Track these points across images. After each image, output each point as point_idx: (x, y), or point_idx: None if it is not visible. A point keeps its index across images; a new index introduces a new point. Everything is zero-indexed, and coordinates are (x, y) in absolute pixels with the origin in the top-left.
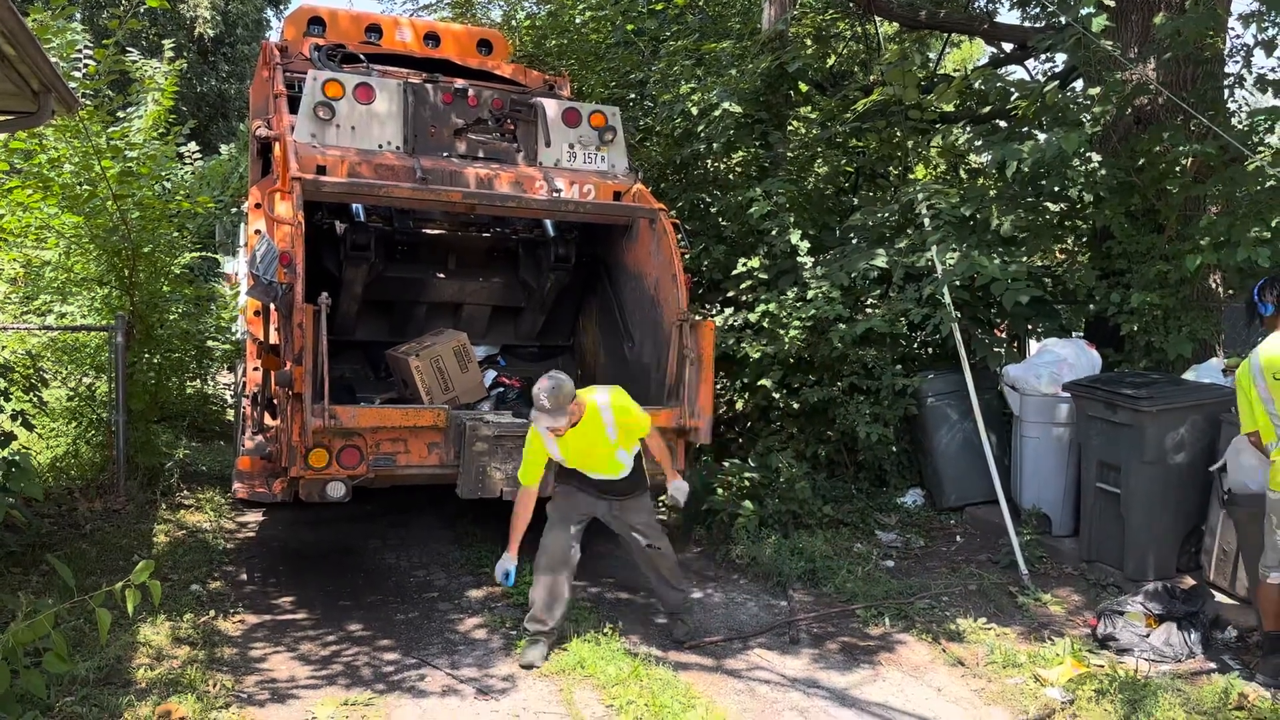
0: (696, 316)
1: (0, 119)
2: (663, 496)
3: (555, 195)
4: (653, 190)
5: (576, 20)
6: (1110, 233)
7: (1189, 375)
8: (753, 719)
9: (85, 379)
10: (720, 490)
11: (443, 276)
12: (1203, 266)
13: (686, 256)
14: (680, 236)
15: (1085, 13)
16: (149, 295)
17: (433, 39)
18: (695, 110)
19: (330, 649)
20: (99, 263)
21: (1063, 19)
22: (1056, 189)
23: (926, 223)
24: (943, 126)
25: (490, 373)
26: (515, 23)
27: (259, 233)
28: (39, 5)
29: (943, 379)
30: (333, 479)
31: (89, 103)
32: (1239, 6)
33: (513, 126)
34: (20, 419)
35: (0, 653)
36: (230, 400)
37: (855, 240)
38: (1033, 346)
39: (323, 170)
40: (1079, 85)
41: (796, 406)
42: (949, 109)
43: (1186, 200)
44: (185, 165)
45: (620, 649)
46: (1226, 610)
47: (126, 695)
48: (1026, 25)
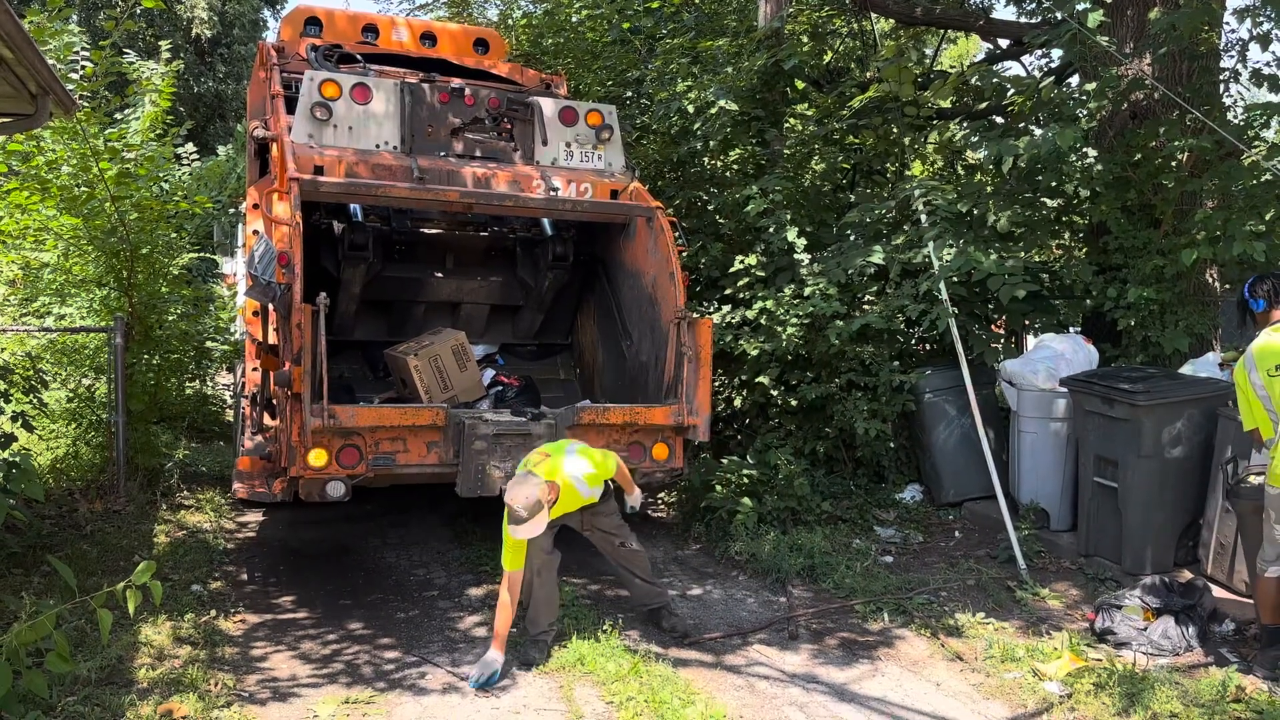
0: (694, 314)
1: None
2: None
3: (552, 194)
4: (650, 188)
5: (573, 19)
6: (1106, 228)
7: (1185, 369)
8: (752, 714)
9: (85, 380)
10: (719, 487)
11: (441, 276)
12: (1199, 261)
13: (684, 254)
14: (677, 234)
15: (1081, 8)
16: (147, 296)
17: (429, 39)
18: (692, 108)
19: (331, 647)
20: (97, 264)
21: (1058, 14)
22: (1053, 184)
23: (923, 219)
24: (939, 123)
25: (489, 371)
26: (511, 22)
27: (257, 233)
28: (36, 7)
29: (940, 375)
30: (332, 478)
31: (86, 104)
32: (1234, 1)
33: (509, 126)
34: (20, 420)
35: (3, 653)
36: (229, 401)
37: (852, 237)
38: (1030, 342)
39: (320, 170)
40: (1075, 81)
41: (794, 403)
42: (945, 105)
43: (1182, 195)
44: (183, 166)
45: (620, 646)
46: (1224, 604)
47: (128, 695)
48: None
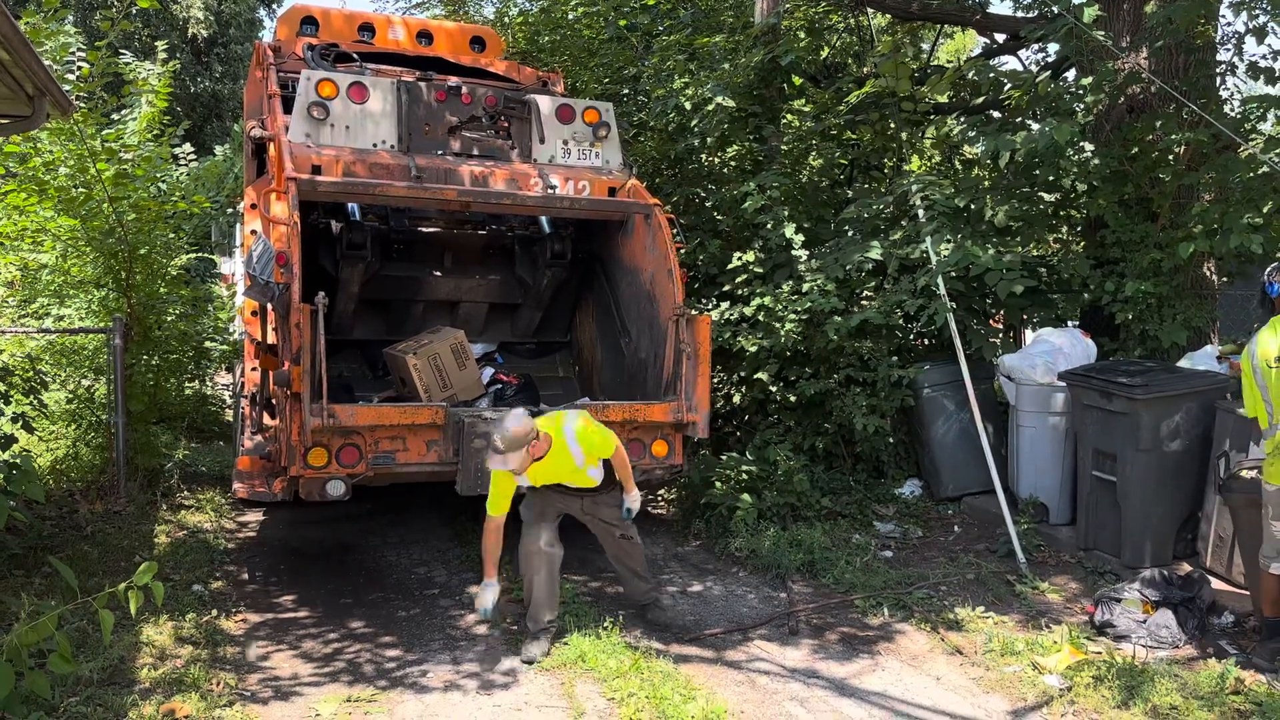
0: (692, 311)
1: None
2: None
3: (550, 192)
4: (647, 185)
5: (569, 16)
6: (1104, 222)
7: (1183, 363)
8: (753, 710)
9: (84, 381)
10: (718, 484)
11: (439, 274)
12: (1196, 254)
13: (682, 251)
14: (675, 231)
15: (1077, 2)
16: (146, 297)
17: (426, 37)
18: (689, 105)
19: (332, 646)
20: (96, 265)
21: (1055, 9)
22: (1050, 179)
23: (921, 214)
24: (936, 118)
25: (488, 370)
26: (508, 19)
27: (255, 233)
28: (32, 8)
29: (939, 370)
30: (332, 477)
31: (83, 105)
32: None
33: (507, 124)
34: (21, 422)
35: (5, 654)
36: (229, 401)
37: (850, 233)
38: (1028, 336)
39: (318, 170)
40: (1071, 75)
41: (793, 399)
42: (942, 100)
43: (1179, 189)
44: (180, 166)
45: (620, 642)
46: (1223, 596)
47: (130, 695)
48: (1019, 15)
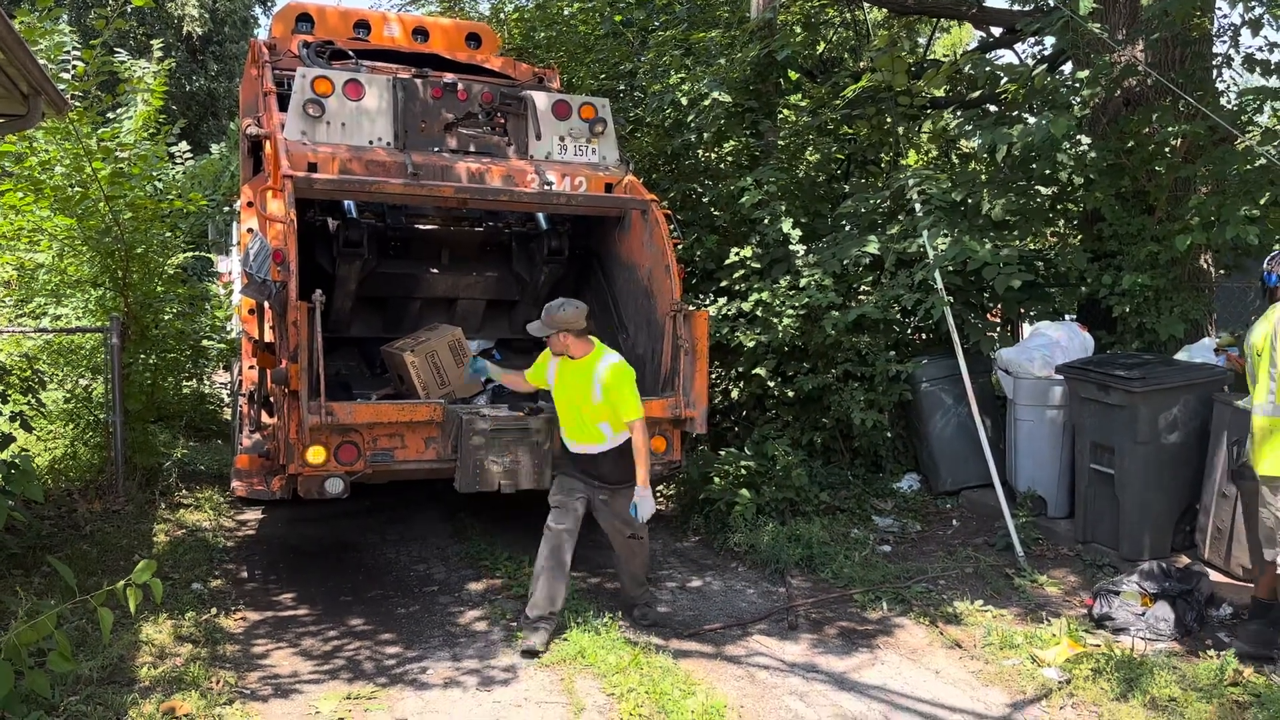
0: (690, 307)
1: None
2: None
3: (547, 188)
4: (644, 181)
5: (565, 12)
6: (1101, 215)
7: (1181, 355)
8: (752, 704)
9: (82, 381)
10: (717, 479)
11: (436, 271)
12: (1193, 246)
13: (679, 247)
14: (672, 227)
15: None
16: (143, 296)
17: (421, 34)
18: (685, 100)
19: (332, 644)
20: (92, 264)
21: (1050, 2)
22: (1047, 172)
23: (918, 208)
24: (933, 112)
25: None
26: (503, 16)
27: (252, 231)
28: (26, 7)
29: (936, 364)
30: (331, 475)
31: (79, 104)
32: None
33: (503, 120)
34: (19, 421)
35: (4, 653)
36: (227, 399)
37: (847, 227)
38: (1025, 330)
39: (314, 167)
40: (1068, 68)
41: (791, 394)
42: (939, 94)
43: (1176, 181)
44: (176, 165)
45: (620, 638)
46: (1221, 588)
47: (130, 693)
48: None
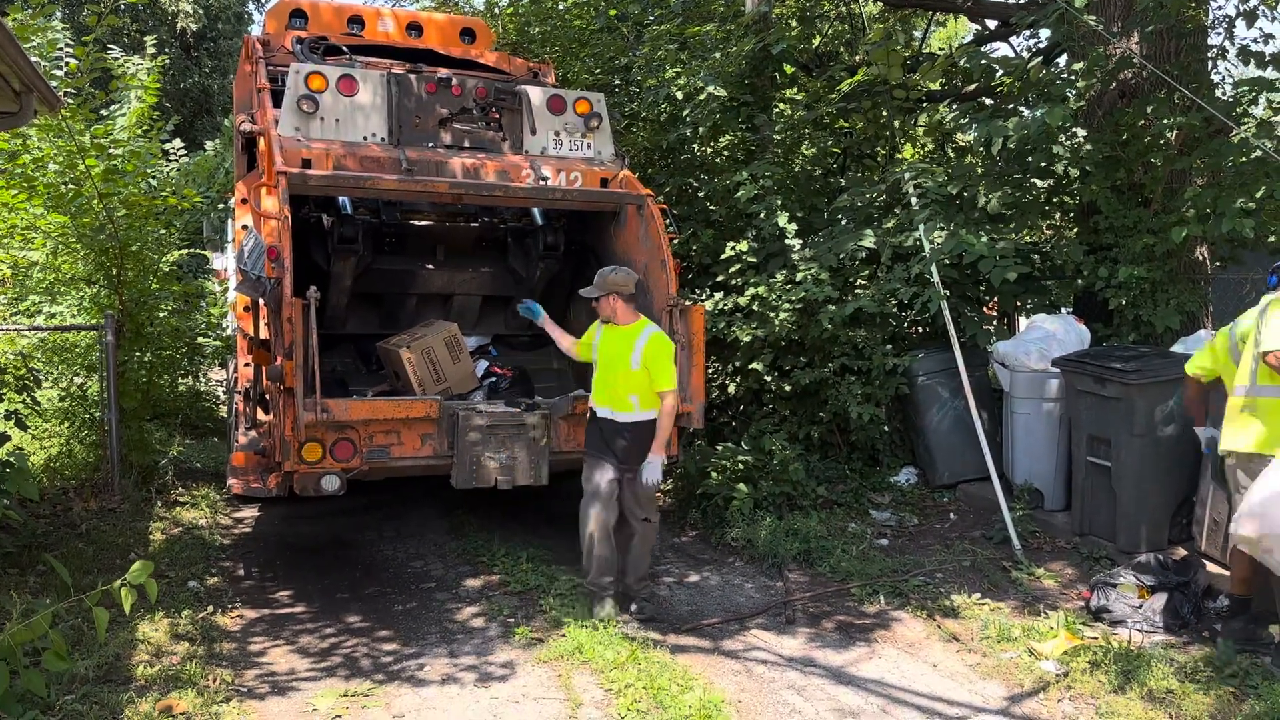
0: (686, 301)
1: None
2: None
3: (542, 183)
4: (640, 176)
5: (559, 7)
6: (1096, 207)
7: (1177, 348)
8: (750, 699)
9: (77, 379)
10: (714, 474)
11: (432, 267)
12: (1189, 239)
13: (675, 242)
14: (668, 222)
15: None
16: (138, 293)
17: (415, 29)
18: (680, 94)
19: (329, 641)
20: (86, 262)
21: None
22: (1043, 165)
23: (914, 202)
24: (928, 105)
25: (482, 363)
26: (498, 11)
27: (246, 228)
28: (18, 4)
29: (933, 357)
30: (327, 472)
31: (71, 101)
32: None
33: (498, 115)
34: (14, 419)
35: None
36: (223, 396)
37: (843, 221)
38: (1022, 323)
39: (308, 164)
40: (1063, 61)
41: (788, 389)
42: (934, 87)
43: (1171, 173)
44: (170, 162)
45: (618, 633)
46: (1218, 580)
47: (126, 692)
48: (1010, 2)
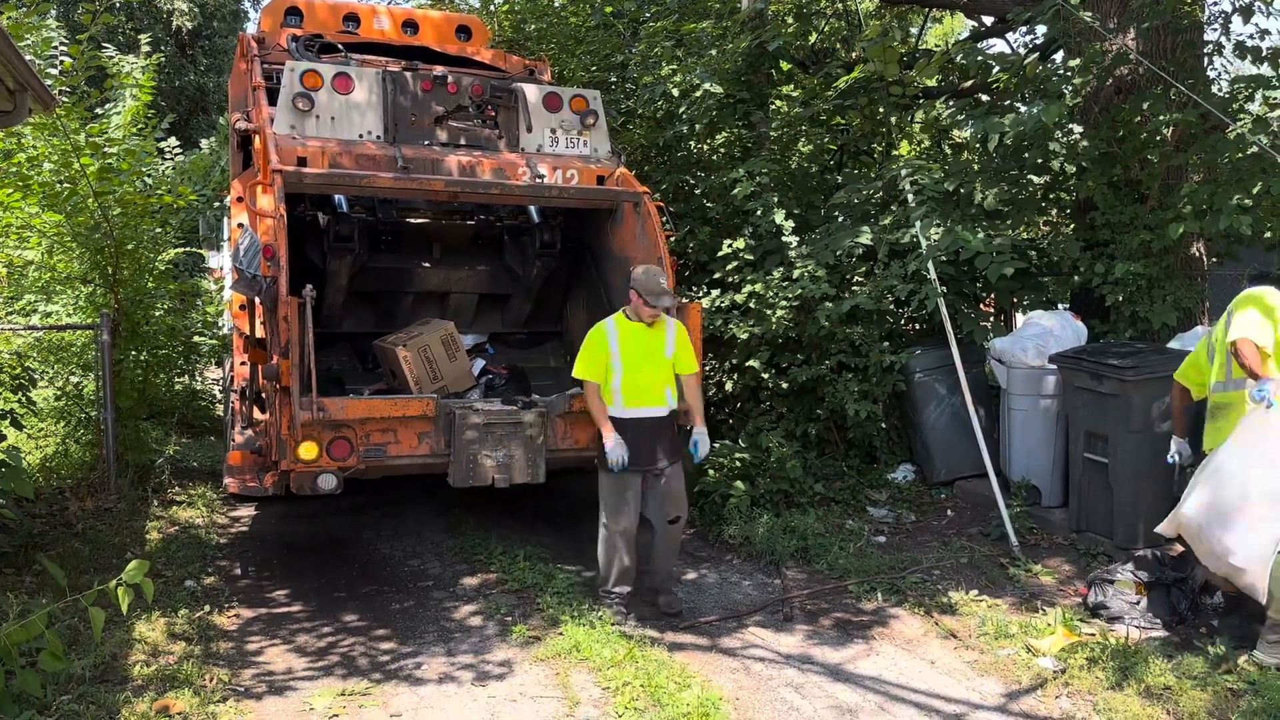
0: (683, 299)
1: None
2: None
3: (538, 181)
4: (636, 173)
5: (555, 4)
6: (1093, 204)
7: (1174, 344)
8: (748, 696)
9: (73, 378)
10: (711, 471)
11: (428, 266)
12: (1185, 235)
13: (671, 239)
14: (665, 219)
15: None
16: (133, 292)
17: (411, 26)
18: (677, 92)
19: (326, 640)
20: (82, 261)
21: None
22: (1039, 161)
23: (910, 199)
24: (925, 102)
25: (479, 361)
26: (493, 8)
27: (242, 226)
28: (12, 2)
29: (930, 354)
30: (323, 471)
31: (66, 100)
32: None
33: (493, 113)
34: (9, 419)
35: None
36: (219, 395)
37: (840, 218)
38: (1018, 319)
39: (303, 162)
40: (1059, 57)
41: (785, 386)
42: (931, 84)
43: (1168, 169)
44: (166, 160)
45: (615, 632)
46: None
47: (123, 692)
48: None
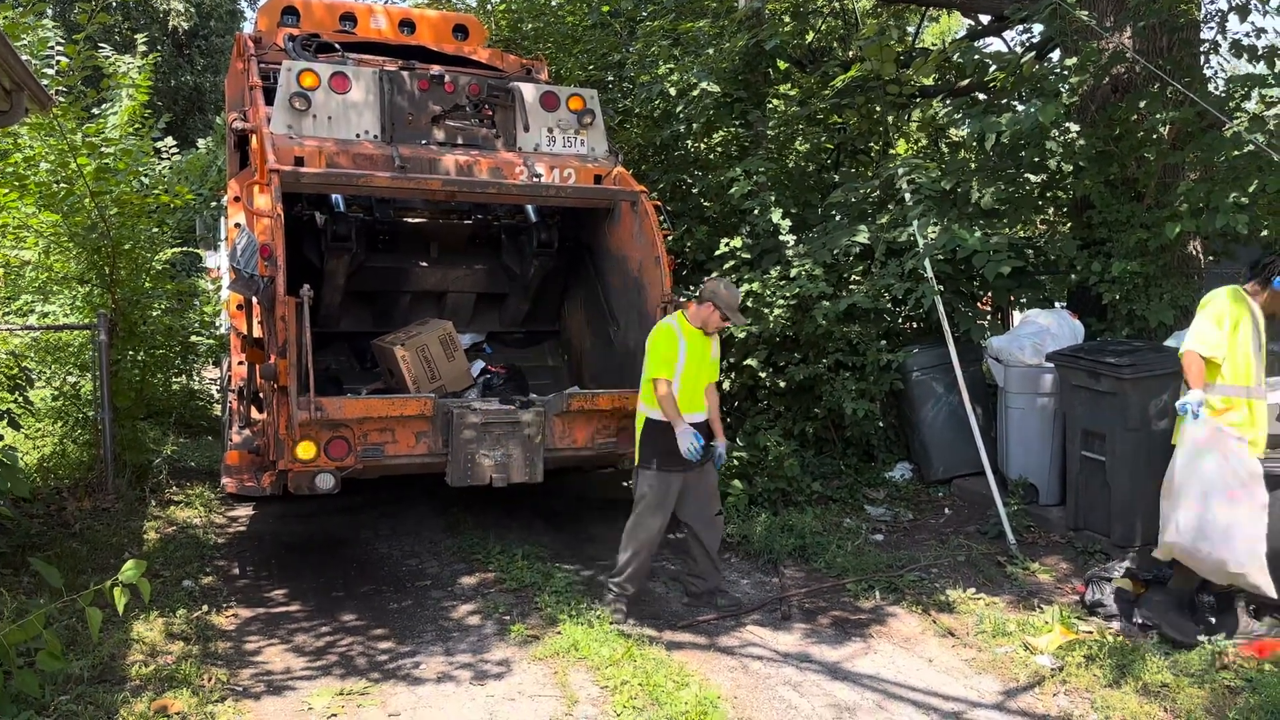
0: (681, 298)
1: None
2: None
3: (535, 180)
4: (633, 172)
5: (552, 3)
6: (1090, 202)
7: (1170, 342)
8: (746, 694)
9: (70, 378)
10: None
11: (426, 265)
12: (1182, 233)
13: (669, 238)
14: (662, 218)
15: None
16: (131, 292)
17: (408, 25)
18: (674, 91)
19: (324, 640)
20: (79, 261)
21: None
22: (1036, 160)
23: (907, 197)
24: (922, 101)
25: (477, 361)
26: (490, 7)
27: (239, 226)
28: (9, 3)
29: (927, 353)
30: (321, 471)
31: (63, 100)
32: None
33: (490, 112)
34: (6, 419)
35: None
36: (217, 395)
37: (837, 217)
38: (1016, 318)
39: (300, 161)
40: (1056, 56)
41: (783, 385)
42: (927, 83)
43: (1165, 168)
44: (162, 160)
45: (614, 631)
46: None
47: (121, 692)
48: None
